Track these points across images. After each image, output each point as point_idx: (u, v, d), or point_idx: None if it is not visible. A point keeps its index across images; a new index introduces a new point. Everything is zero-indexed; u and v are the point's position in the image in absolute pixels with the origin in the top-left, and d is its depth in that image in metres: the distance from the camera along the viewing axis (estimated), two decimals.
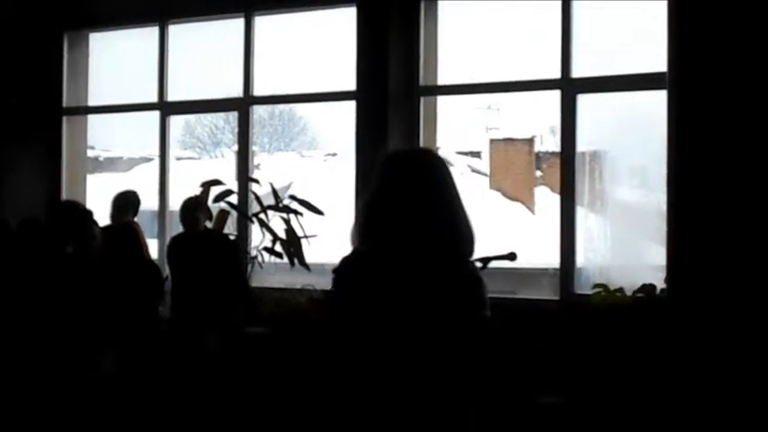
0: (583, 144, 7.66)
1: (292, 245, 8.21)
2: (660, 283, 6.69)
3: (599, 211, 8.14)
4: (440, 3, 8.24)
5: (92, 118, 10.25)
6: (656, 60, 6.55)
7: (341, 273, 3.57)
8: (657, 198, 7.12)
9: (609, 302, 6.88)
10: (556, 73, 7.55)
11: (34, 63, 9.81)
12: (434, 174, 3.53)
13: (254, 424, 7.71)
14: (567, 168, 7.56)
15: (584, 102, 7.51)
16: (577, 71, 7.50)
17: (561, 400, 6.78)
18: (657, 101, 6.60)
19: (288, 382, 7.70)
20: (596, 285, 7.06)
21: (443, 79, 8.27)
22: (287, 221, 8.27)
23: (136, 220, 8.51)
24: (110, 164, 18.38)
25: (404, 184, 3.50)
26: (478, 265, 5.20)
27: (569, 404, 6.75)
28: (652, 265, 7.12)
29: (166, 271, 8.35)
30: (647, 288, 6.81)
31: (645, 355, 6.44)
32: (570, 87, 7.50)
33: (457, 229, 3.52)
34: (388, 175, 3.55)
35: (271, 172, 13.92)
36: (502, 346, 7.13)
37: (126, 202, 8.50)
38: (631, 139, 7.83)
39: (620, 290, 6.92)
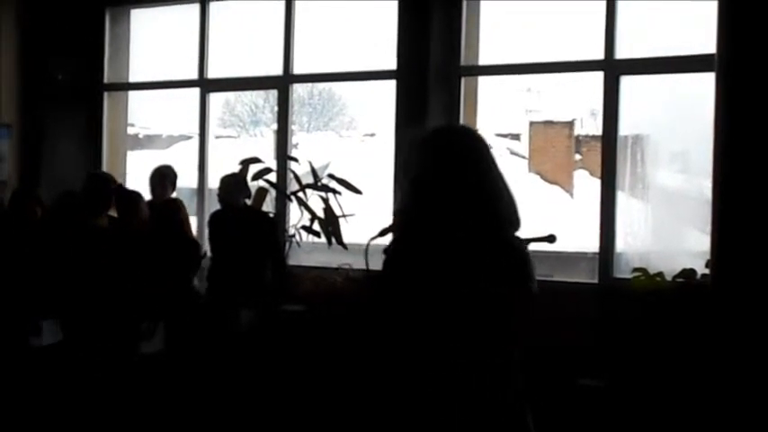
0: (624, 127, 7.60)
1: (330, 224, 8.20)
2: (700, 269, 6.62)
3: (639, 195, 8.07)
4: None
5: (132, 95, 10.28)
6: (703, 42, 6.47)
7: (393, 253, 3.52)
8: (699, 183, 7.06)
9: (648, 287, 6.83)
10: (599, 54, 7.48)
11: (76, 39, 9.83)
12: (477, 151, 3.50)
13: (287, 402, 7.73)
14: (608, 152, 7.51)
15: (628, 84, 7.44)
16: (621, 52, 7.43)
17: (600, 383, 6.75)
18: (702, 84, 6.52)
19: (323, 361, 7.70)
20: (636, 270, 7.01)
21: (485, 59, 8.21)
22: (325, 200, 8.26)
23: (174, 195, 8.56)
24: (149, 141, 18.45)
25: (449, 163, 3.46)
26: None
27: (608, 387, 6.71)
28: (692, 250, 7.06)
29: (206, 247, 8.38)
30: (687, 273, 6.75)
31: (684, 339, 6.39)
32: (613, 69, 7.43)
33: (503, 206, 3.49)
34: (431, 153, 3.51)
35: (309, 151, 13.91)
36: (539, 328, 7.12)
37: (163, 177, 8.53)
38: (674, 123, 7.75)
39: (660, 274, 6.87)
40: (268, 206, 8.67)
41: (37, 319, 7.29)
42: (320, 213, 8.27)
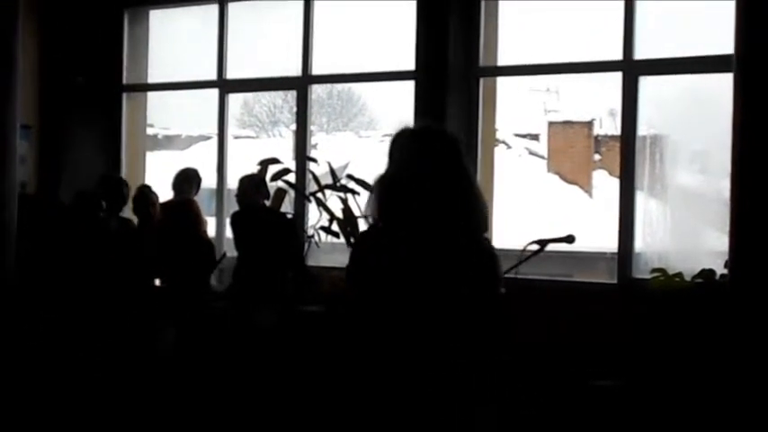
0: (643, 127, 7.58)
1: (349, 224, 8.20)
2: (719, 269, 6.60)
3: (658, 195, 8.05)
4: None
5: (151, 96, 10.31)
6: (721, 42, 6.44)
7: (359, 246, 3.69)
8: (718, 183, 7.03)
9: (667, 287, 6.81)
10: (618, 54, 7.47)
11: (95, 40, 9.87)
12: (448, 151, 3.58)
13: (304, 402, 7.74)
14: (627, 152, 7.49)
15: (646, 84, 7.42)
16: (640, 53, 7.41)
17: (619, 384, 6.73)
18: (721, 84, 6.49)
19: (341, 362, 7.70)
20: (654, 270, 6.99)
21: (503, 60, 8.20)
22: (344, 201, 8.26)
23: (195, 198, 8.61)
24: (168, 142, 18.50)
25: (419, 161, 3.55)
26: (536, 247, 5.17)
27: (627, 388, 6.70)
28: (711, 250, 7.03)
29: (225, 247, 8.40)
30: (706, 273, 6.73)
31: (702, 340, 6.37)
32: (632, 69, 7.41)
33: (471, 205, 3.55)
34: (402, 151, 3.61)
35: (328, 152, 13.95)
36: (558, 328, 7.11)
37: (187, 179, 8.59)
38: (693, 123, 7.73)
39: (679, 275, 6.84)
40: (287, 207, 8.68)
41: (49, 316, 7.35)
42: (339, 214, 8.27)
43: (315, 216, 8.55)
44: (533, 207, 15.65)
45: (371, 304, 3.54)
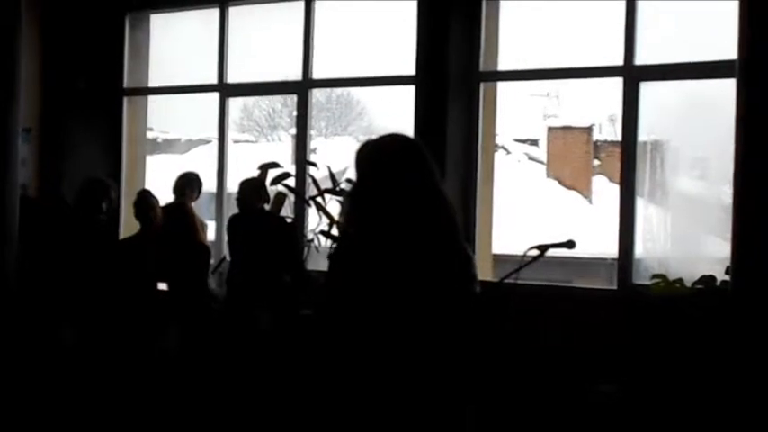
0: (644, 133, 7.57)
1: None
2: (720, 275, 6.60)
3: (659, 201, 8.06)
4: None
5: (151, 100, 10.31)
6: (722, 48, 6.45)
7: (334, 256, 3.75)
8: (718, 190, 7.04)
9: (667, 293, 6.80)
10: (618, 60, 7.46)
11: (96, 44, 9.88)
12: (411, 157, 3.66)
13: (305, 404, 7.74)
14: (627, 158, 7.48)
15: (647, 89, 7.42)
16: (641, 58, 7.40)
17: (618, 390, 6.73)
18: (722, 90, 6.50)
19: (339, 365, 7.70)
20: (655, 276, 6.98)
21: (504, 65, 8.20)
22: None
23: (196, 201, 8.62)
24: (168, 145, 18.53)
25: (384, 170, 3.63)
26: (536, 252, 5.17)
27: (626, 394, 6.70)
28: (712, 256, 7.04)
29: (224, 251, 8.38)
30: (707, 279, 6.72)
31: (703, 346, 6.37)
32: (633, 75, 7.41)
33: (438, 208, 3.63)
34: (367, 162, 3.69)
35: (327, 156, 13.96)
36: (558, 334, 7.10)
37: (189, 182, 8.60)
38: (694, 129, 7.73)
39: (680, 281, 6.84)
40: (287, 211, 8.68)
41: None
42: (339, 218, 8.27)
43: (314, 220, 8.54)
44: (533, 212, 15.67)
45: (349, 309, 3.59)
